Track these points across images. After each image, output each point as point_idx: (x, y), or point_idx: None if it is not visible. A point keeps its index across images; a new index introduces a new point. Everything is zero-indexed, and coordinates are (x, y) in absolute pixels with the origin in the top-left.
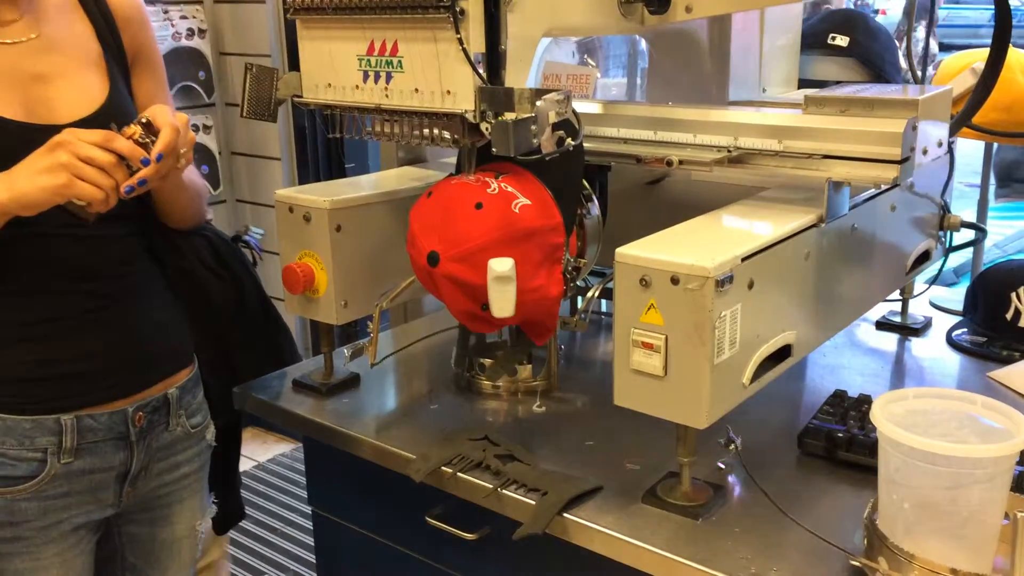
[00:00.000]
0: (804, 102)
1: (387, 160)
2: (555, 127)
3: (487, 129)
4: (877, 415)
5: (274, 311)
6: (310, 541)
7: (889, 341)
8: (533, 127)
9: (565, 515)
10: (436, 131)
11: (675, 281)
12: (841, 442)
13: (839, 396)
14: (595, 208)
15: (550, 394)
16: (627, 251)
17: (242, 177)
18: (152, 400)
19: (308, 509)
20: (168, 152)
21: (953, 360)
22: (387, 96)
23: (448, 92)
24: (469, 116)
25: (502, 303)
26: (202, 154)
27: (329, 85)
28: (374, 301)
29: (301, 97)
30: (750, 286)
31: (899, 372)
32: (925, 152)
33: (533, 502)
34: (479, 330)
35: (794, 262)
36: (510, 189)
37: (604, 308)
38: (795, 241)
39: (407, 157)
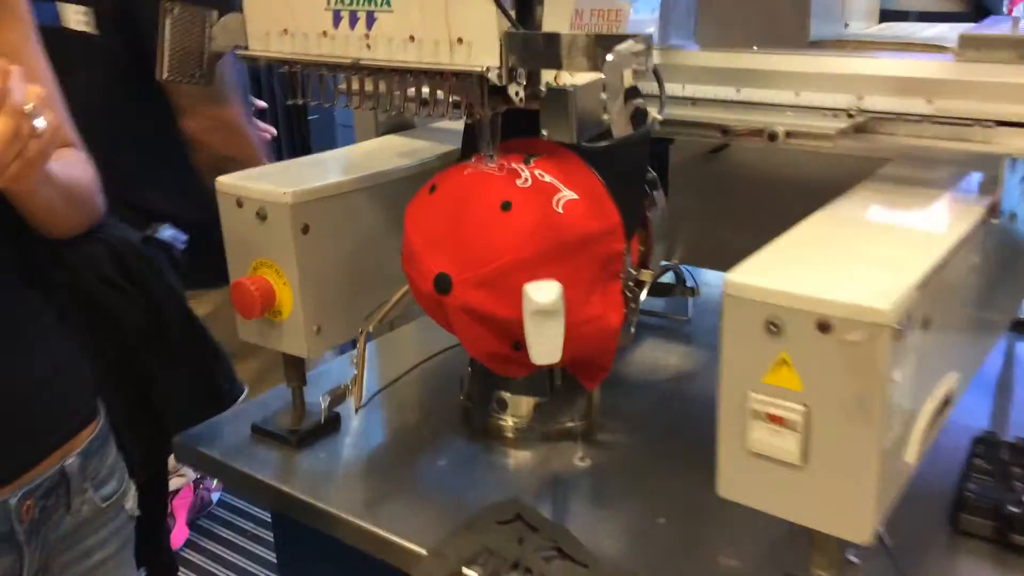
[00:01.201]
0: (959, 44)
1: (363, 126)
2: (627, 94)
3: (518, 95)
4: None
5: (202, 331)
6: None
7: None
8: (603, 95)
9: None
10: (441, 96)
11: (825, 328)
12: (1017, 520)
13: (991, 443)
14: (661, 198)
15: (592, 437)
16: (743, 279)
17: None
18: (43, 480)
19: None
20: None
21: None
22: (369, 47)
23: (459, 41)
24: (492, 76)
25: (545, 345)
26: None
27: (285, 32)
28: (356, 324)
29: (246, 49)
30: (925, 325)
31: None
32: None
33: None
34: (508, 374)
35: (965, 278)
36: (548, 179)
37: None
38: (965, 248)
39: (390, 122)
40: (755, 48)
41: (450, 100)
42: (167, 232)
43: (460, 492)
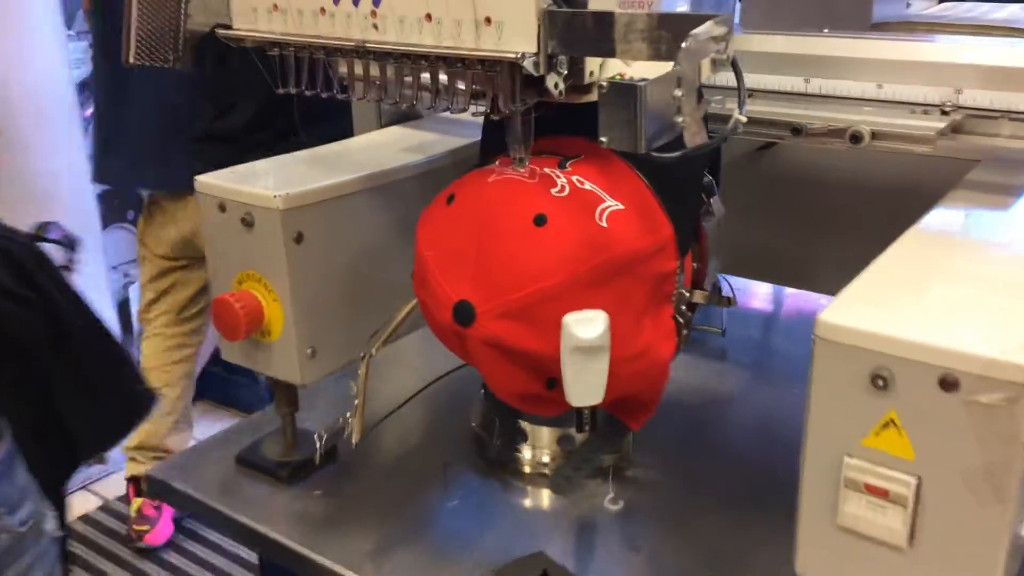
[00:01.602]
0: None
1: (363, 116)
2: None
3: (557, 87)
4: None
5: (109, 339)
6: None
7: None
8: (678, 92)
9: None
10: (463, 87)
11: (949, 385)
12: None
13: None
14: (718, 205)
15: (624, 474)
16: (843, 320)
17: None
18: None
19: None
20: None
21: None
22: (376, 27)
23: (487, 21)
24: (527, 64)
25: (587, 385)
26: None
27: (275, 8)
28: (356, 345)
29: (229, 28)
30: None
31: None
32: None
33: None
34: (539, 413)
35: None
36: (589, 186)
37: None
38: None
39: (394, 111)
40: (825, 31)
41: (472, 90)
42: (55, 232)
43: (475, 541)
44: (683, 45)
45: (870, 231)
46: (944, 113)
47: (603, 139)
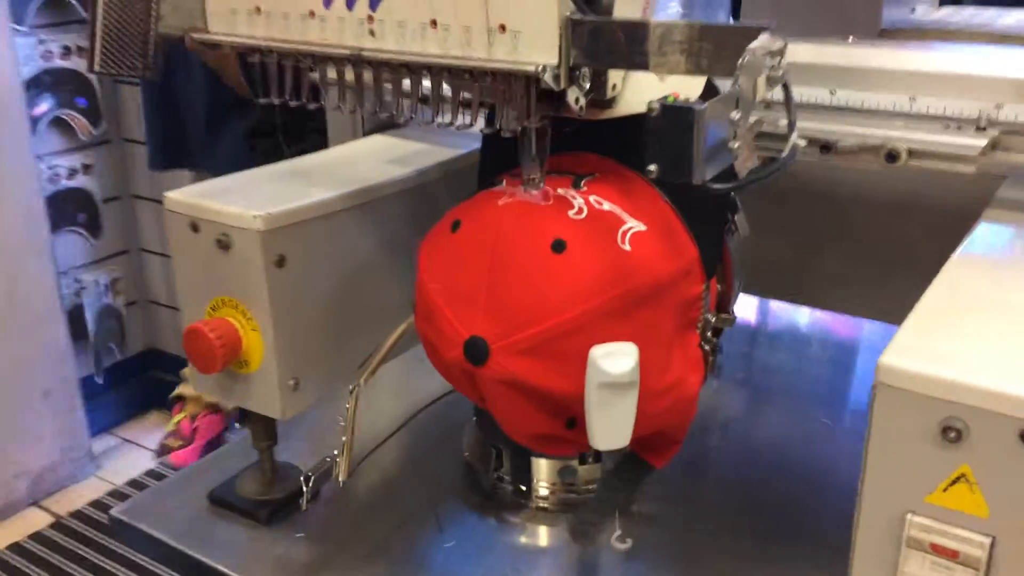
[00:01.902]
0: None
1: (339, 124)
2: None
3: (578, 102)
4: None
5: None
6: None
7: None
8: (735, 114)
9: None
10: (475, 100)
11: None
12: None
13: None
14: (743, 222)
15: (631, 508)
16: (910, 364)
17: (132, 160)
18: None
19: None
20: None
21: None
22: (372, 33)
23: (501, 28)
24: (547, 77)
25: (614, 426)
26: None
27: (258, 10)
28: (343, 375)
29: (205, 33)
30: None
31: None
32: None
33: None
34: (558, 453)
35: None
36: (608, 206)
37: None
38: None
39: (374, 119)
40: (851, 38)
41: (480, 104)
42: None
43: None
44: (742, 61)
45: (864, 244)
46: (980, 129)
47: (651, 168)
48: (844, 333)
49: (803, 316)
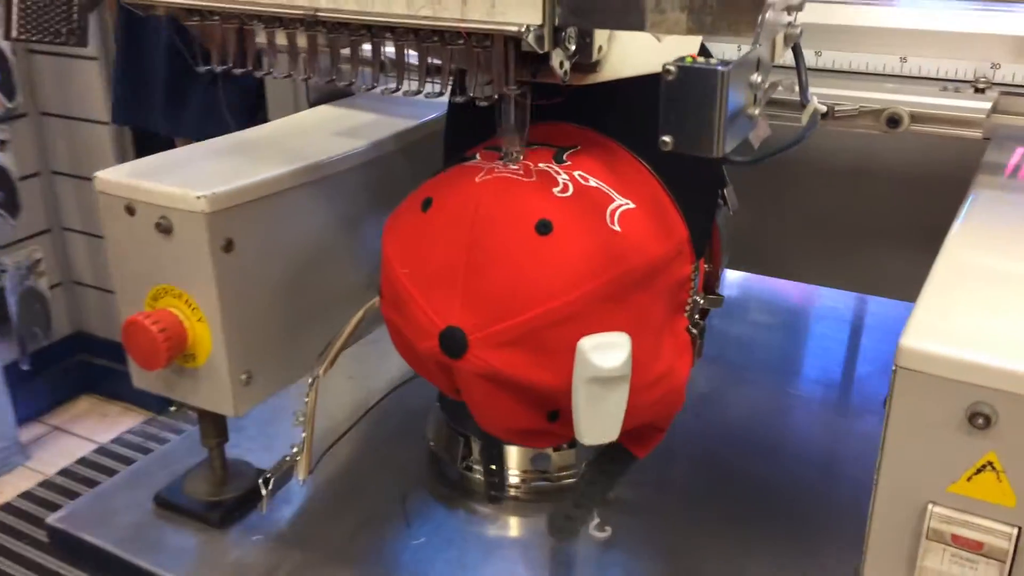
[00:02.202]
0: None
1: (279, 94)
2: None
3: (563, 66)
4: None
5: None
6: None
7: None
8: (756, 78)
9: None
10: (445, 66)
11: None
12: None
13: None
14: (732, 195)
15: (609, 495)
16: (933, 346)
17: (51, 134)
18: None
19: None
20: None
21: None
22: None
23: None
24: (530, 39)
25: (603, 421)
26: None
27: None
28: (299, 366)
29: None
30: None
31: None
32: None
33: None
34: (538, 446)
35: None
36: (595, 182)
37: None
38: None
39: (322, 87)
40: None
41: (450, 71)
42: None
43: None
44: (763, 17)
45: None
46: (979, 91)
47: (665, 139)
48: (805, 302)
49: (763, 285)
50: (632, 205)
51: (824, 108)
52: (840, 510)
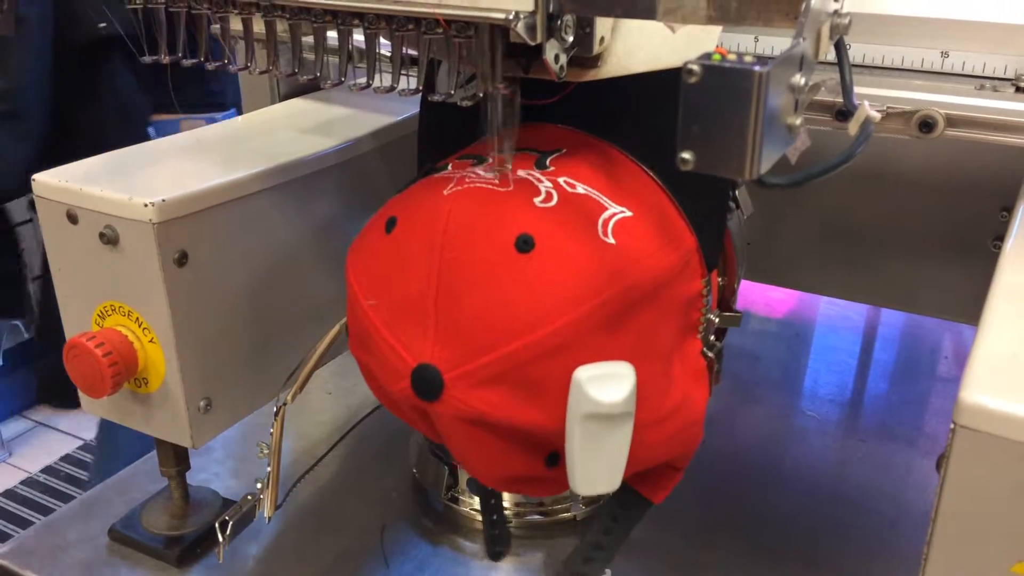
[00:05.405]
0: None
1: (254, 87)
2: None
3: (558, 60)
4: None
5: None
6: None
7: None
8: (799, 79)
9: None
10: (422, 58)
11: None
12: None
13: None
14: (745, 198)
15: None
16: (998, 405)
17: None
18: None
19: None
20: None
21: None
22: None
23: None
24: (520, 29)
25: (601, 467)
26: None
27: None
28: (263, 391)
29: None
30: None
31: None
32: None
33: None
34: (537, 495)
35: None
36: (583, 189)
37: None
38: None
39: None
40: None
41: (428, 62)
42: None
43: None
44: (807, 3)
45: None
46: (1020, 90)
47: (685, 156)
48: (809, 313)
49: (766, 294)
50: (629, 213)
51: (878, 115)
52: (863, 548)
